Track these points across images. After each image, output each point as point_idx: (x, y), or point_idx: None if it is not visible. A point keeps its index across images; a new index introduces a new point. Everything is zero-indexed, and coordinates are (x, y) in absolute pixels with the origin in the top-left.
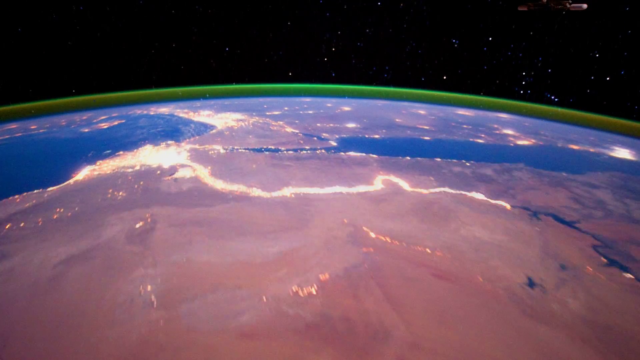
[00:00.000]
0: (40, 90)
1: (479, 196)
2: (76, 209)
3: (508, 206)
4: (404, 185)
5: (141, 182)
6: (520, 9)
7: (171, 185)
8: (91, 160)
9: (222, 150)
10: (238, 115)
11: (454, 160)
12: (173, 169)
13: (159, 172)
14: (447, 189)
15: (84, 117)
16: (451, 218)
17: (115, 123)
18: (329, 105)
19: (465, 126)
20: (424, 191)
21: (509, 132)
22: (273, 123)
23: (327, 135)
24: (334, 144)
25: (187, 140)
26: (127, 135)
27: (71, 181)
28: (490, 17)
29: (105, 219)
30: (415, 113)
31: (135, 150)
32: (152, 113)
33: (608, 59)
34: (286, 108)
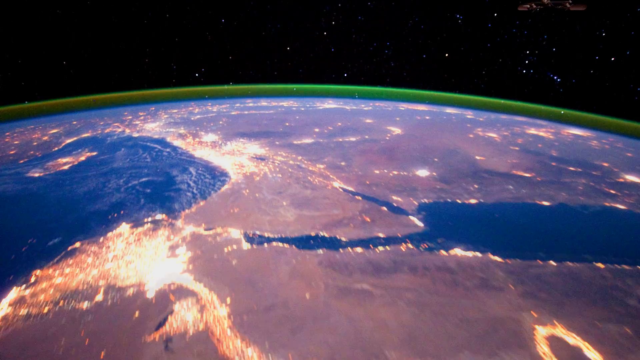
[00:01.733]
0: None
1: None
2: None
3: None
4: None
5: (101, 355)
6: (520, 8)
7: None
8: (18, 278)
9: (243, 242)
10: (256, 147)
11: (625, 268)
12: (163, 305)
13: (137, 313)
14: None
15: (45, 138)
16: None
17: (83, 157)
18: (368, 121)
19: (571, 168)
20: None
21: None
22: (310, 168)
23: (398, 198)
24: (418, 223)
25: (187, 211)
26: (93, 194)
27: None
28: None
29: None
30: (483, 137)
31: (101, 240)
32: (135, 135)
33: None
34: (316, 130)
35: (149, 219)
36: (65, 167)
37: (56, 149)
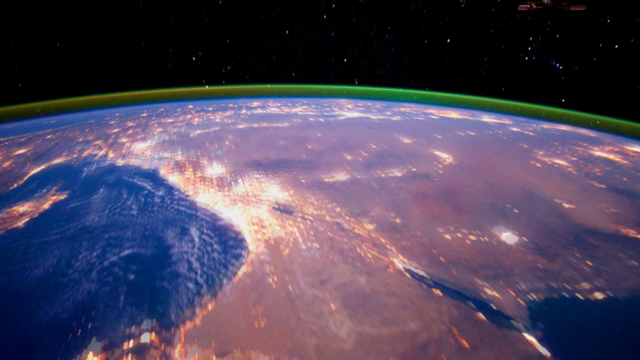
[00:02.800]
0: None
1: None
2: None
3: None
4: None
5: None
6: (520, 9)
7: None
8: None
9: None
10: (276, 189)
11: None
12: None
13: None
14: None
15: (7, 164)
16: None
17: (48, 203)
18: (406, 142)
19: None
20: None
21: None
22: (356, 229)
23: (493, 293)
24: (541, 348)
25: (187, 324)
26: (51, 283)
27: None
28: None
29: None
30: (552, 165)
31: None
32: (120, 163)
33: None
34: (348, 157)
35: (130, 343)
36: (20, 224)
37: (16, 185)
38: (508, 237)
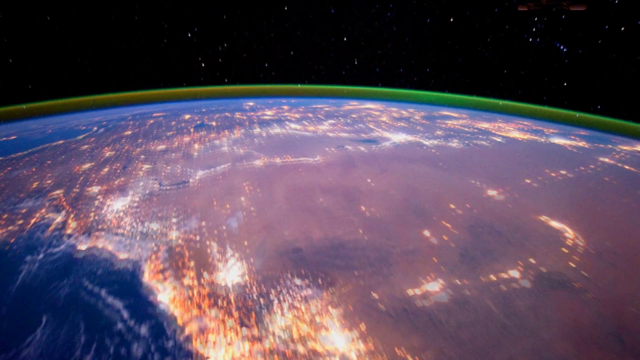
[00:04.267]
0: None
1: None
2: None
3: None
4: None
5: None
6: (520, 9)
7: None
8: None
9: None
10: (338, 329)
11: None
12: None
13: None
14: None
15: None
16: None
17: None
18: (494, 197)
19: None
20: None
21: None
22: None
23: None
24: None
25: None
26: None
27: None
28: None
29: None
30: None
31: None
32: (81, 249)
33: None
34: (430, 237)
35: None
36: None
37: None
38: None
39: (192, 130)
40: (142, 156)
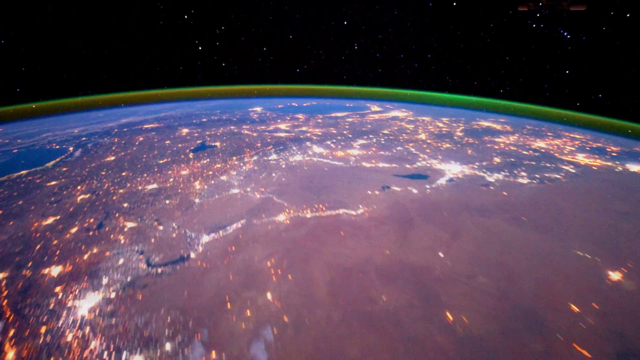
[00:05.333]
0: None
1: None
2: None
3: None
4: None
5: None
6: (520, 9)
7: None
8: None
9: None
10: None
11: None
12: None
13: None
14: None
15: None
16: None
17: None
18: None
19: None
20: None
21: None
22: None
23: None
24: None
25: None
26: None
27: None
28: None
29: None
30: None
31: None
32: None
33: None
34: None
35: None
36: None
37: None
38: None
39: (190, 155)
40: (126, 204)
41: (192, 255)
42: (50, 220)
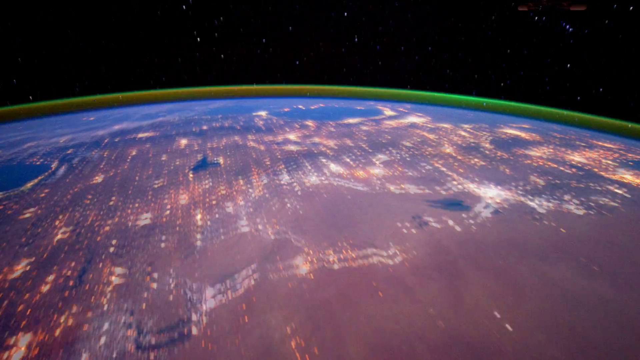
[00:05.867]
0: None
1: None
2: None
3: None
4: None
5: None
6: (520, 9)
7: None
8: None
9: None
10: None
11: None
12: None
13: None
14: None
15: None
16: None
17: None
18: None
19: None
20: None
21: None
22: None
23: None
24: None
25: None
26: None
27: None
28: None
29: None
30: None
31: None
32: None
33: None
34: None
35: None
36: None
37: None
38: None
39: (190, 176)
40: (114, 242)
41: (193, 328)
42: (22, 265)
